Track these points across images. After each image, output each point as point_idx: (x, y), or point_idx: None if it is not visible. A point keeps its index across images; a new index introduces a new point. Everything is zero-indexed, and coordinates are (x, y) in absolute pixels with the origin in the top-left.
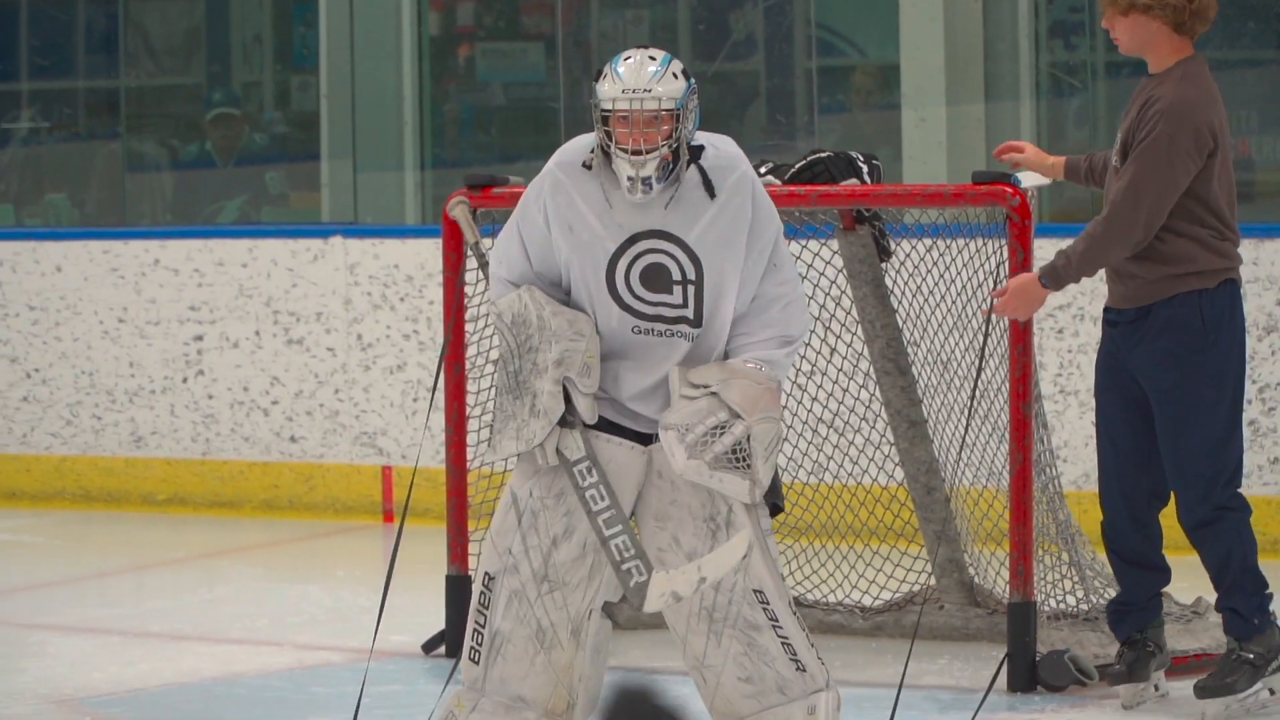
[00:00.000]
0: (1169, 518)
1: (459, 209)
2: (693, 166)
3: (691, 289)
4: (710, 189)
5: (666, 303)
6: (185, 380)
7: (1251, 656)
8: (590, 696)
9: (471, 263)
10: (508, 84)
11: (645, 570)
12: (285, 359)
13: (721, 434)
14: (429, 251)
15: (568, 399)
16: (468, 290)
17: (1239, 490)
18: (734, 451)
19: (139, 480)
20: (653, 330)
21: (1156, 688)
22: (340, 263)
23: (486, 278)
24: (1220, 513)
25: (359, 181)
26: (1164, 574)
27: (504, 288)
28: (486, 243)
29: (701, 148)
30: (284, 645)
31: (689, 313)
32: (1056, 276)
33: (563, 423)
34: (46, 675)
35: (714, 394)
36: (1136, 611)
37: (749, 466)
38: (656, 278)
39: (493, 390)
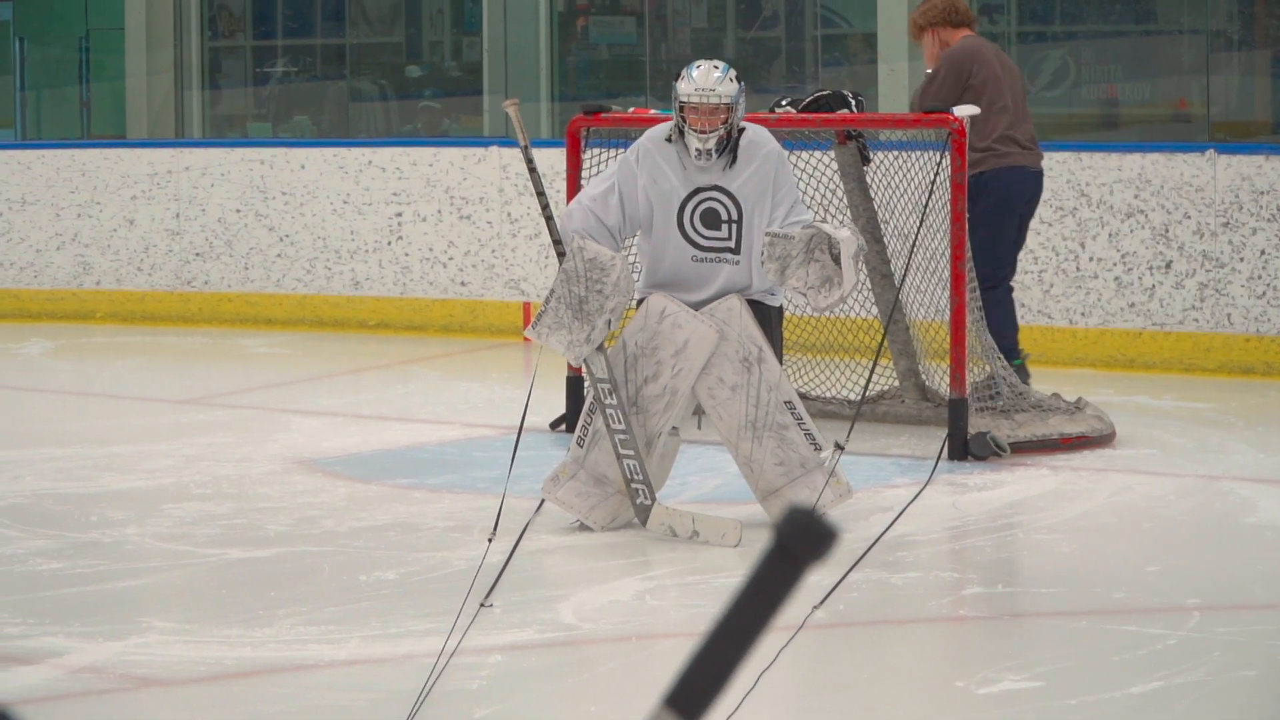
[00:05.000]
0: (1112, 342)
1: (512, 109)
2: (736, 143)
3: (735, 226)
4: (747, 158)
5: (717, 237)
6: (389, 243)
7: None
8: (654, 488)
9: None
10: (610, 44)
11: (649, 496)
12: (458, 229)
13: (814, 240)
14: (556, 156)
15: None
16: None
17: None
18: (823, 251)
19: (356, 311)
20: (706, 258)
21: None
22: (496, 164)
23: (532, 173)
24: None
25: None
26: None
27: (581, 208)
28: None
29: (744, 130)
30: (454, 424)
31: (732, 244)
32: None
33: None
34: (291, 443)
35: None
36: None
37: (837, 266)
38: (711, 218)
39: (556, 280)
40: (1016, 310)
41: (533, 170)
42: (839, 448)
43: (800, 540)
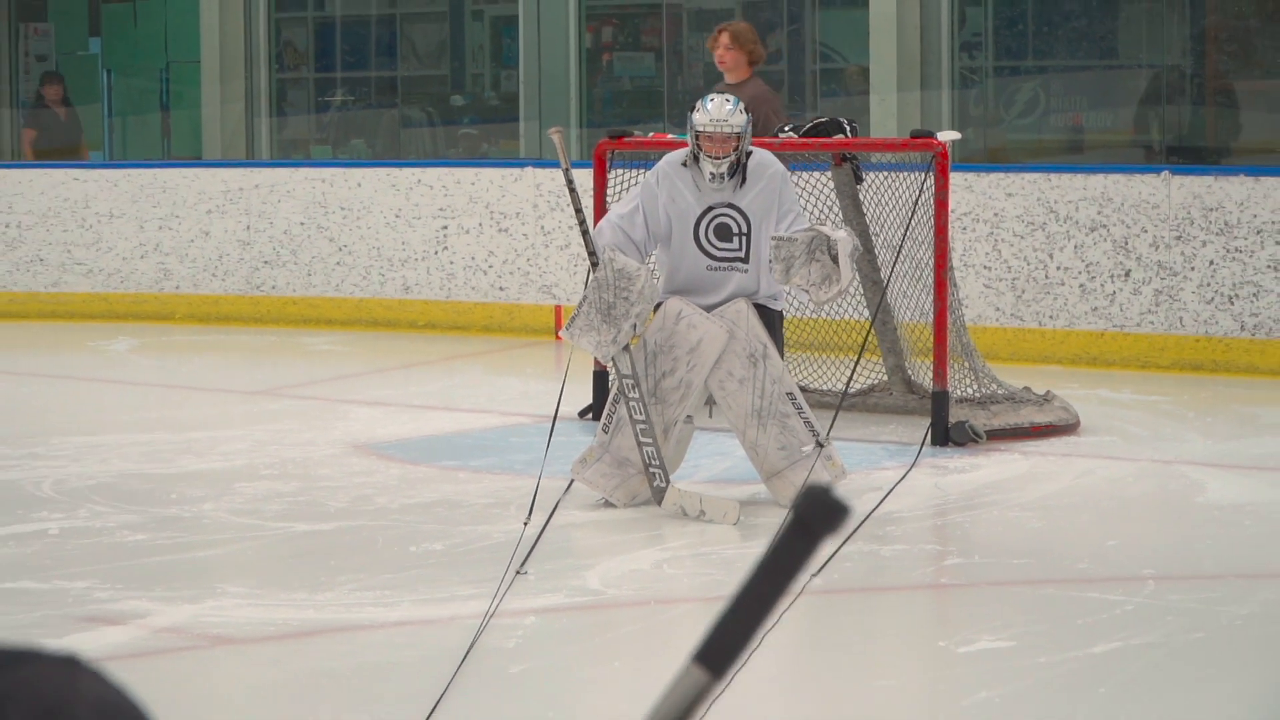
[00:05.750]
0: (1073, 343)
1: (556, 136)
2: (745, 165)
3: (745, 239)
4: (755, 178)
5: (729, 248)
6: (436, 252)
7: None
8: (670, 468)
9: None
10: (632, 77)
11: (664, 479)
12: (497, 240)
13: (814, 242)
14: (584, 175)
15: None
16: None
17: None
18: (822, 252)
19: (407, 313)
20: (719, 267)
21: None
22: (531, 182)
23: (571, 192)
24: None
25: (541, 134)
26: None
27: (610, 224)
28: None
29: (751, 153)
30: (494, 413)
31: (742, 254)
32: None
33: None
34: (348, 430)
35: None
36: None
37: (835, 264)
38: (724, 231)
39: (588, 285)
40: (993, 313)
41: (572, 190)
42: (819, 445)
43: (817, 515)
